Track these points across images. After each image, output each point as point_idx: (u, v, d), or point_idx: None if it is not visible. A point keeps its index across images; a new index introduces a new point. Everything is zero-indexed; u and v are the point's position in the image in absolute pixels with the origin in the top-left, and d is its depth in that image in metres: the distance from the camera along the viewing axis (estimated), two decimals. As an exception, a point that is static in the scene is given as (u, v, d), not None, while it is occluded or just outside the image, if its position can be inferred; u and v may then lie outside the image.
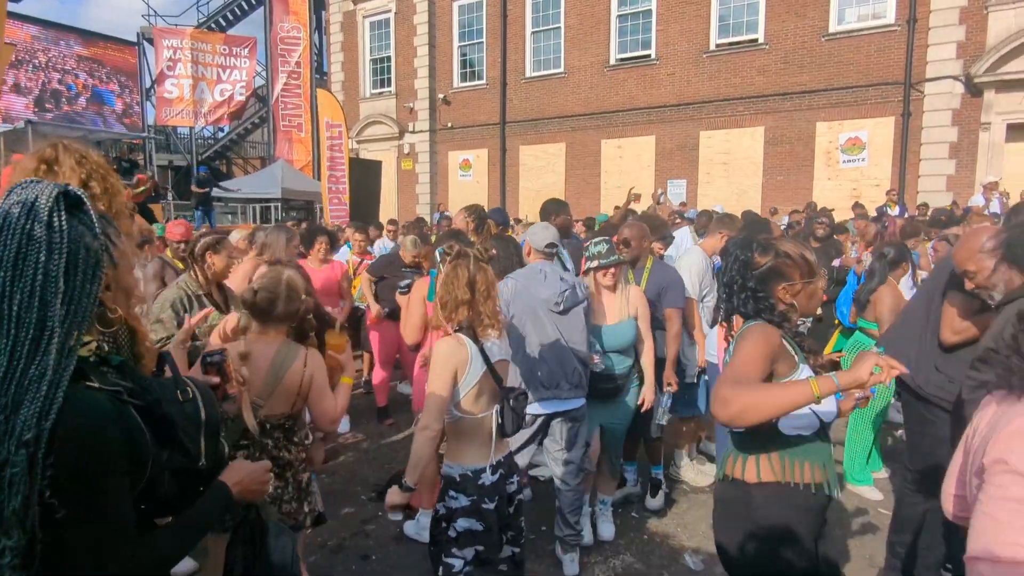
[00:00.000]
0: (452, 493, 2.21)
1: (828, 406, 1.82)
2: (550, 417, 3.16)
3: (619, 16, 16.16)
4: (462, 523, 2.16)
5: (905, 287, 4.37)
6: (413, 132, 19.72)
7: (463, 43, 18.85)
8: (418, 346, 3.51)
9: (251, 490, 1.37)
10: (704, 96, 15.07)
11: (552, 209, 5.07)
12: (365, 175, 13.36)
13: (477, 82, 18.69)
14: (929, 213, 10.59)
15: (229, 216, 17.67)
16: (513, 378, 3.29)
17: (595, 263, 3.31)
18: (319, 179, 19.19)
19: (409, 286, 3.73)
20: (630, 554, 3.43)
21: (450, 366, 2.18)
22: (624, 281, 3.46)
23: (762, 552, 1.81)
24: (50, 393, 0.95)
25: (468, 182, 19.21)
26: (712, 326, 4.30)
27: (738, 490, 1.88)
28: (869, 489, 4.17)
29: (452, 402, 2.19)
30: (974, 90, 12.31)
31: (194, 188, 14.57)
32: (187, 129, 21.73)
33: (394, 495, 2.21)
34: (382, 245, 8.20)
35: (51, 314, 0.97)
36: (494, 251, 2.96)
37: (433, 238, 5.84)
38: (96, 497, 1.01)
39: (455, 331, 2.24)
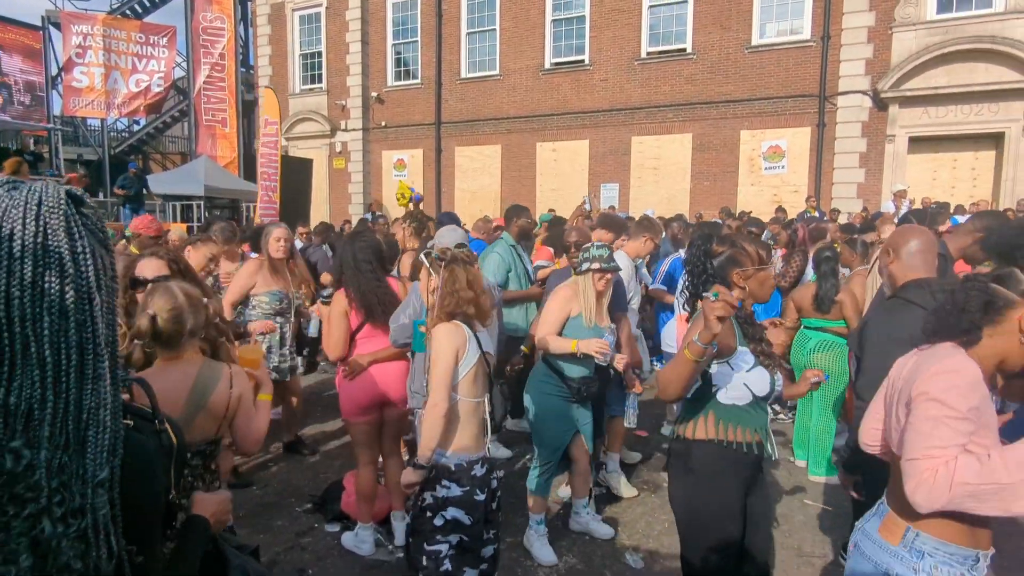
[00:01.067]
0: (445, 482, 2.22)
1: (760, 384, 2.13)
2: None
3: (553, 21, 16.37)
4: (452, 512, 2.19)
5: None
6: (345, 130, 19.26)
7: (397, 41, 18.58)
8: (343, 359, 3.42)
9: (220, 521, 1.34)
10: (636, 102, 15.48)
11: (514, 213, 5.24)
12: (295, 174, 12.94)
13: (412, 81, 18.46)
14: (851, 218, 11.28)
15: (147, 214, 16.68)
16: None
17: (596, 265, 3.26)
18: (246, 177, 18.49)
19: (330, 296, 3.61)
20: (572, 555, 3.46)
21: (452, 346, 2.26)
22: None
23: (696, 495, 2.15)
24: (114, 425, 0.83)
25: (403, 182, 18.95)
26: (637, 327, 4.51)
27: (683, 445, 2.21)
28: (832, 478, 4.27)
29: (452, 383, 2.26)
30: (881, 104, 13.23)
31: (118, 191, 13.71)
32: (98, 121, 20.37)
33: (409, 474, 2.25)
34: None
35: (92, 333, 0.83)
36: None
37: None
38: (149, 545, 0.92)
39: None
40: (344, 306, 3.37)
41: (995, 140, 12.75)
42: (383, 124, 18.87)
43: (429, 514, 2.22)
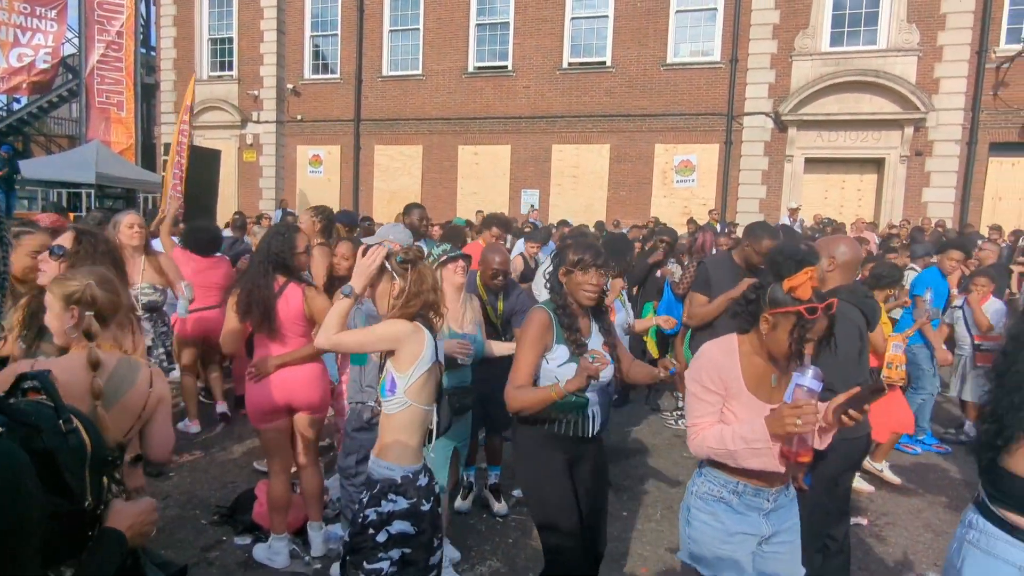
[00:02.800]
0: (392, 496, 2.08)
1: (569, 375, 2.30)
2: None
3: (477, 25, 16.41)
4: (397, 525, 2.06)
5: None
6: (257, 122, 18.38)
7: (316, 33, 17.97)
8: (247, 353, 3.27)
9: (141, 533, 1.20)
10: (557, 111, 15.78)
11: (406, 211, 5.17)
12: (202, 165, 12.15)
13: (330, 76, 17.91)
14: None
15: (26, 202, 15.13)
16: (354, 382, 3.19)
17: (444, 257, 3.21)
18: (144, 166, 17.21)
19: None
20: (496, 559, 3.45)
21: (413, 344, 2.11)
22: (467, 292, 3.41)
23: (523, 466, 2.49)
24: None
25: (318, 179, 18.32)
26: None
27: (513, 429, 2.53)
28: None
29: (403, 387, 2.10)
30: (781, 126, 14.22)
31: None
32: (-30, 96, 18.33)
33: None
34: None
35: None
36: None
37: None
38: (14, 570, 0.79)
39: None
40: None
41: (877, 165, 14.03)
42: (299, 117, 18.17)
43: (372, 531, 2.08)
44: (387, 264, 2.21)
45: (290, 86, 18.07)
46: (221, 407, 5.39)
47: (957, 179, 13.40)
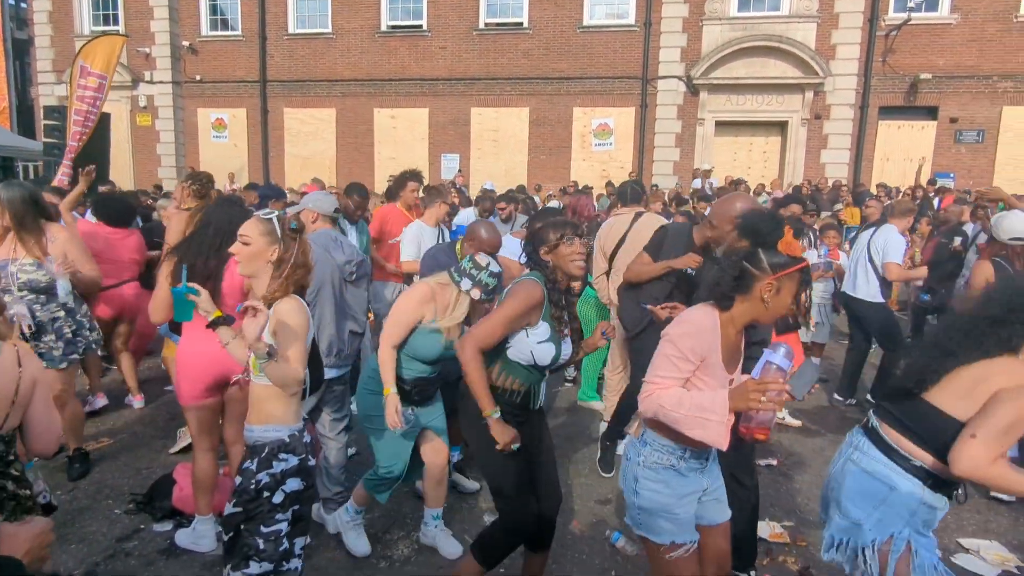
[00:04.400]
0: (282, 455, 2.12)
1: (543, 355, 2.41)
2: (330, 382, 3.21)
3: (390, -19, 15.73)
4: (291, 483, 2.12)
5: None
6: (151, 82, 16.96)
7: (212, -15, 16.66)
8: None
9: (40, 557, 1.09)
10: (475, 73, 15.49)
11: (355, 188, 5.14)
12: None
13: (231, 32, 16.70)
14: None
15: None
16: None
17: (478, 294, 2.90)
18: (22, 132, 15.54)
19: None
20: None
21: (307, 321, 2.14)
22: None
23: (474, 431, 2.49)
24: None
25: (223, 144, 17.22)
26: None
27: (467, 388, 2.48)
28: (597, 403, 5.19)
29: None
30: (693, 90, 14.62)
31: None
32: None
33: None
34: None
35: None
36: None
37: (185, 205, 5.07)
38: None
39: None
40: (170, 269, 3.00)
41: (781, 128, 14.75)
42: (198, 78, 16.90)
43: (267, 493, 2.10)
44: (276, 227, 2.21)
45: (186, 43, 16.73)
46: (138, 402, 5.02)
47: (851, 141, 14.33)
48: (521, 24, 15.23)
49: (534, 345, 2.39)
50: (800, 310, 1.96)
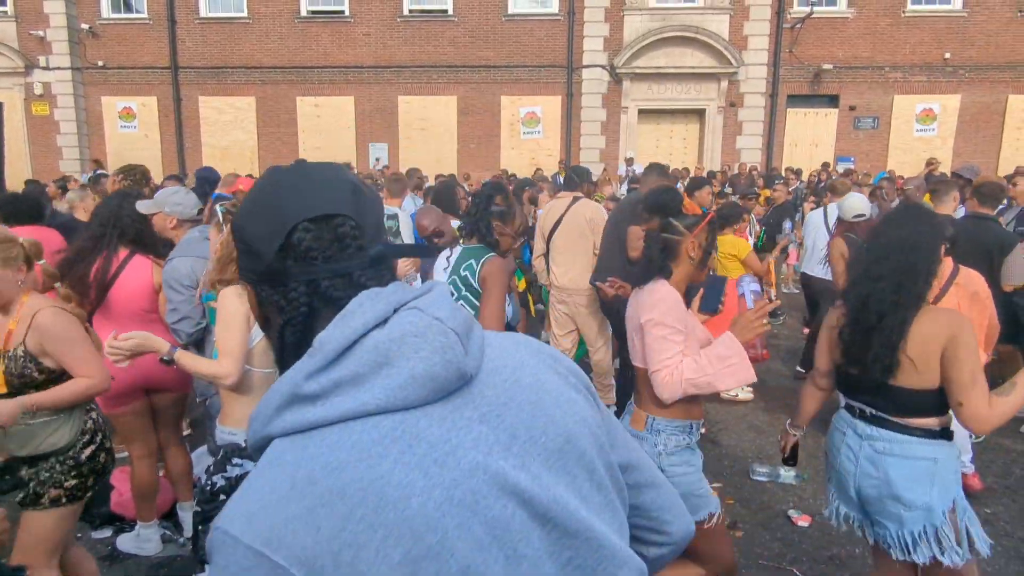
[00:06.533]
0: (236, 460, 2.09)
1: (512, 315, 2.98)
2: None
3: (308, -36, 15.23)
4: None
5: None
6: (47, 68, 15.72)
7: (112, -36, 15.59)
8: None
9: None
10: (401, 61, 15.29)
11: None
12: (-21, 120, 10.23)
13: (135, 15, 15.72)
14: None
15: None
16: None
17: None
18: None
19: None
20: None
21: (243, 313, 2.06)
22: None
23: None
24: None
25: (133, 134, 16.23)
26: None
27: None
28: None
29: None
30: (617, 78, 15.03)
31: None
32: None
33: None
34: None
35: None
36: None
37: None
38: None
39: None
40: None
41: (699, 115, 15.42)
42: (100, 64, 15.81)
43: (223, 496, 2.10)
44: (219, 211, 2.26)
45: (85, 26, 15.59)
46: None
47: (763, 128, 15.17)
48: (446, 11, 15.14)
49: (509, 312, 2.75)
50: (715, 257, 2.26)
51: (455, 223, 4.14)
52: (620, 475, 0.77)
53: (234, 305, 2.08)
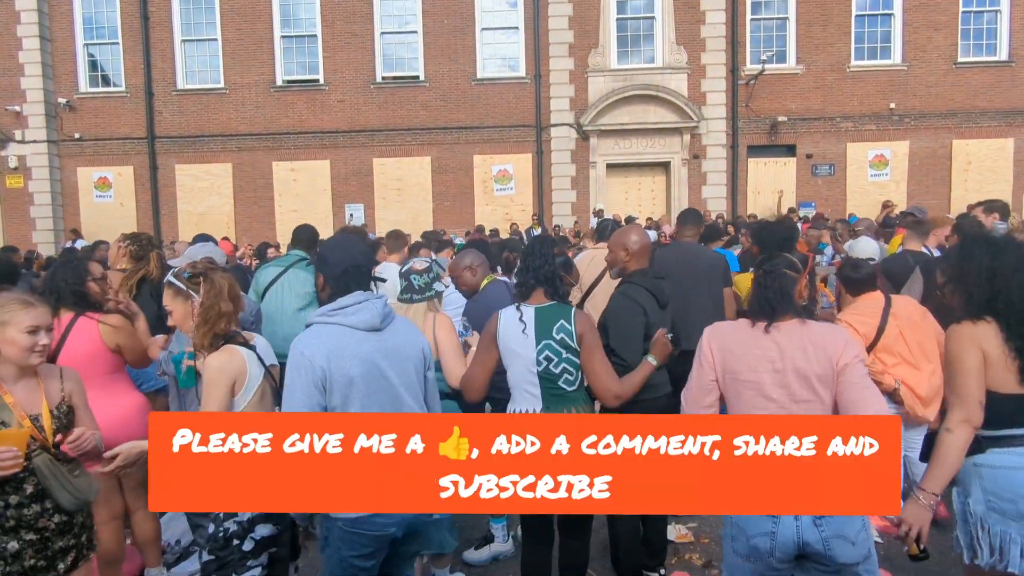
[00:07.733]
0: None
1: None
2: None
3: (283, 37, 15.81)
4: (261, 530, 2.11)
5: None
6: (22, 141, 15.88)
7: (91, 41, 16.01)
8: None
9: None
10: (375, 125, 15.76)
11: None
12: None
13: (113, 88, 16.07)
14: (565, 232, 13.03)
15: None
16: None
17: None
18: None
19: None
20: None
21: (226, 379, 2.14)
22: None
23: None
24: None
25: (108, 204, 16.30)
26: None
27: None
28: None
29: (240, 410, 2.16)
30: (584, 135, 15.62)
31: None
32: None
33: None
34: None
35: None
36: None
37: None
38: None
39: (214, 345, 2.21)
40: None
41: (665, 168, 16.01)
42: (77, 136, 16.03)
43: (237, 541, 2.11)
44: (178, 284, 2.26)
45: (62, 100, 15.88)
46: None
47: (726, 178, 15.77)
48: (418, 77, 15.75)
49: None
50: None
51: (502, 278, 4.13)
52: (424, 380, 2.34)
53: (216, 371, 2.13)
